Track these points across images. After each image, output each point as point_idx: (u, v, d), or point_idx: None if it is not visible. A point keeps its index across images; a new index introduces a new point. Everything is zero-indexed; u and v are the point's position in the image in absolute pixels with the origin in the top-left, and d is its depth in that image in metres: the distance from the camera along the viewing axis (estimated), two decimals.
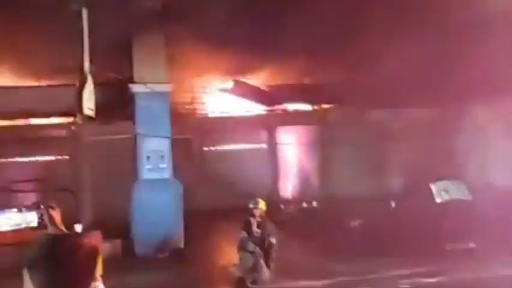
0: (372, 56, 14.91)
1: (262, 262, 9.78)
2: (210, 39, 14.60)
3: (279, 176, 20.01)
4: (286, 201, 19.11)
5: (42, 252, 2.00)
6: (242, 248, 9.82)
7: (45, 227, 2.69)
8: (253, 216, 9.93)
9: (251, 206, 9.99)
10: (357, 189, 18.51)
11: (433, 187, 12.65)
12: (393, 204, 13.89)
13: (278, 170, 20.01)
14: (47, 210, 2.73)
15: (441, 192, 12.62)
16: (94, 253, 2.05)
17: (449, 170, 15.64)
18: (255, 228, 9.88)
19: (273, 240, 9.86)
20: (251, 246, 9.74)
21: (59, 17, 9.60)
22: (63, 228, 2.65)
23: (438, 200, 12.50)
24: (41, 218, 2.33)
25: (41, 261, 1.97)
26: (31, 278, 1.99)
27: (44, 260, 1.98)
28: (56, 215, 2.74)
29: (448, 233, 11.34)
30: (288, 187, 20.00)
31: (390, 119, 19.41)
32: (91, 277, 2.01)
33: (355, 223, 14.21)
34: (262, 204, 10.08)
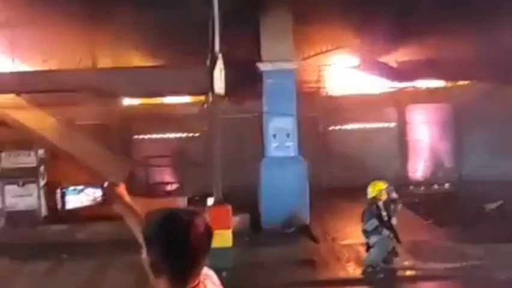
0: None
1: (395, 242, 9.47)
2: (337, 17, 14.39)
3: (408, 157, 19.36)
4: (417, 183, 18.51)
5: (157, 228, 2.08)
6: (376, 233, 9.38)
7: (110, 204, 2.83)
8: (381, 200, 9.58)
9: (373, 194, 9.50)
10: (493, 171, 17.45)
11: None
12: None
13: (407, 150, 19.36)
14: (111, 187, 2.85)
15: None
16: (207, 231, 2.10)
17: None
18: (384, 213, 9.49)
19: (394, 221, 9.51)
20: (386, 232, 9.40)
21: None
22: (132, 205, 2.77)
23: None
24: (104, 194, 2.48)
25: (156, 237, 2.06)
26: (147, 252, 2.09)
27: (159, 236, 2.06)
28: (122, 191, 2.85)
29: None
30: (418, 168, 19.33)
31: None
32: (204, 257, 2.08)
33: (491, 206, 13.49)
34: (382, 185, 9.63)
